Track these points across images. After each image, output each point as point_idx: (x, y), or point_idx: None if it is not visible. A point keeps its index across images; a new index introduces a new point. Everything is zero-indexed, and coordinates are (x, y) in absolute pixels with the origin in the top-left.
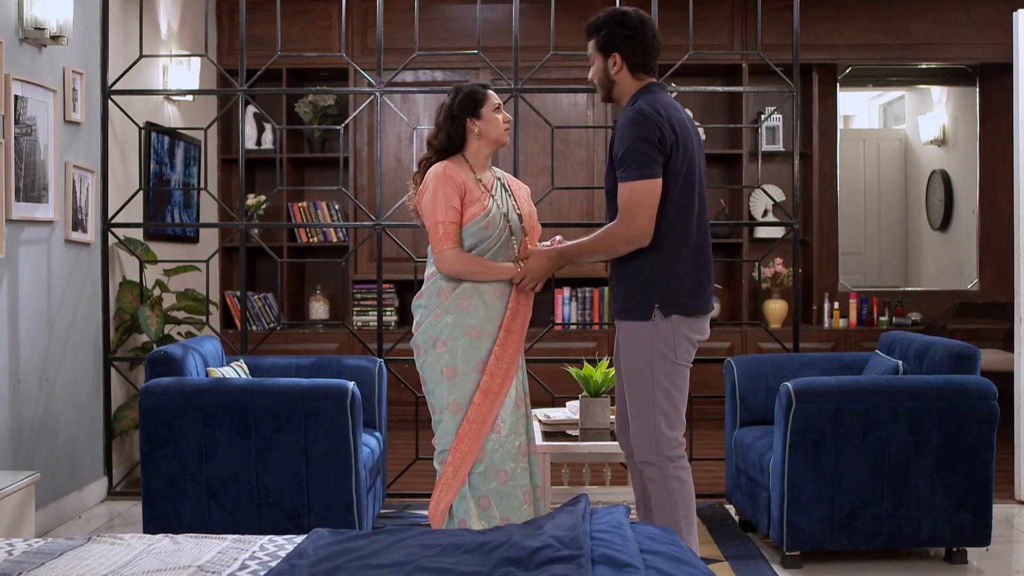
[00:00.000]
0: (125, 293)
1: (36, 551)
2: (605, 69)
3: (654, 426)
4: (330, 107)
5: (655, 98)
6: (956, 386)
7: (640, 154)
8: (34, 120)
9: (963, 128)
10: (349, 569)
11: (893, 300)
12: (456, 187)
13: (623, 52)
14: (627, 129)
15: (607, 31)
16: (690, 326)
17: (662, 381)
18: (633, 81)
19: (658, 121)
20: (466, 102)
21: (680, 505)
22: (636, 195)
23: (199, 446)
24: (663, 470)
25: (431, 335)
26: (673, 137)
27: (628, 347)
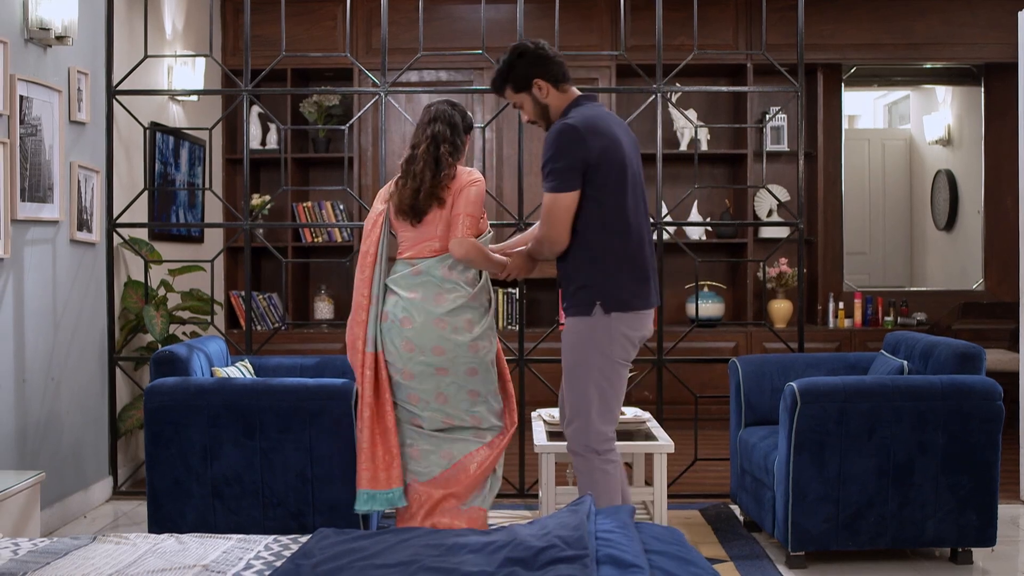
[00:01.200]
0: (130, 293)
1: (41, 551)
2: (535, 100)
3: (585, 419)
4: (334, 107)
5: (583, 112)
6: (961, 386)
7: (559, 169)
8: (39, 120)
9: (968, 128)
10: (354, 569)
11: (898, 300)
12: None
13: (543, 74)
14: (552, 142)
15: (517, 69)
16: (630, 324)
17: (597, 376)
18: (561, 95)
19: (583, 136)
20: (469, 120)
21: (603, 496)
22: (555, 206)
23: (204, 446)
24: (589, 461)
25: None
26: (599, 150)
27: (568, 342)
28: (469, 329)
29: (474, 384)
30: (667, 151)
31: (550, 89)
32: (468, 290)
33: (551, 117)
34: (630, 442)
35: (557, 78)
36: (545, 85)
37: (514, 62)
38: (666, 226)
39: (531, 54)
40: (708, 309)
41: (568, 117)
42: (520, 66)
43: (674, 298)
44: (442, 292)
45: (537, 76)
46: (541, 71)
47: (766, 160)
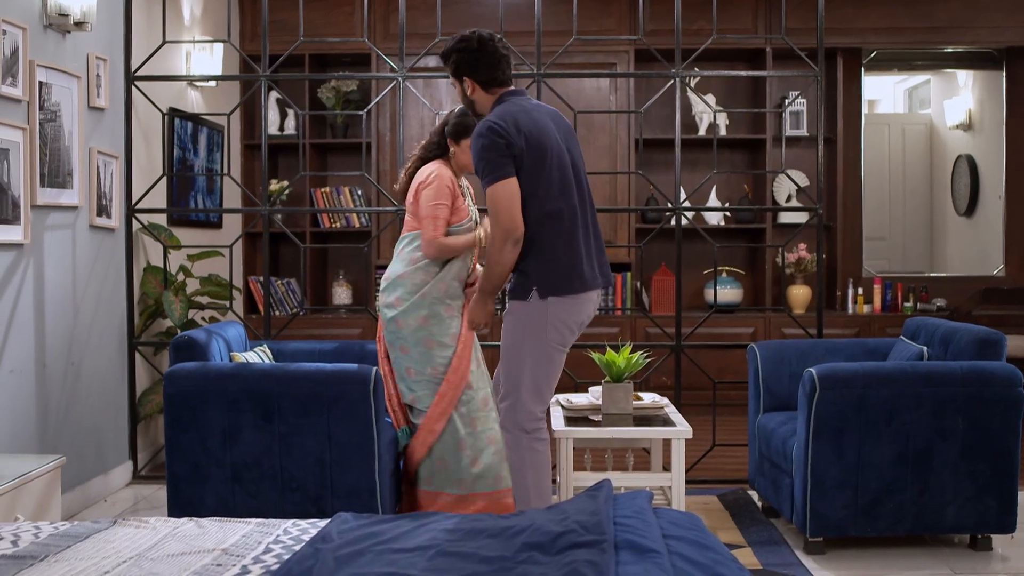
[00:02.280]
0: (149, 278)
1: (62, 534)
2: (463, 92)
3: (516, 398)
4: (352, 92)
5: (505, 108)
6: (981, 372)
7: (489, 161)
8: (58, 106)
9: (989, 112)
10: (372, 553)
11: (918, 286)
12: (451, 191)
13: (471, 74)
14: (476, 142)
15: (454, 58)
16: (567, 309)
17: (530, 359)
18: (488, 96)
19: (502, 130)
20: (456, 127)
21: (530, 472)
22: (497, 195)
23: (223, 430)
24: (518, 439)
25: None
26: (522, 141)
27: (507, 324)
28: (397, 305)
29: (408, 362)
30: (686, 136)
31: (476, 88)
32: (404, 268)
33: (479, 112)
34: (648, 427)
35: (485, 82)
36: (471, 84)
37: (453, 50)
38: (685, 211)
39: (468, 52)
40: (726, 295)
41: (490, 115)
42: (455, 57)
43: (692, 283)
44: (392, 266)
45: (465, 74)
46: (470, 71)
47: (785, 145)
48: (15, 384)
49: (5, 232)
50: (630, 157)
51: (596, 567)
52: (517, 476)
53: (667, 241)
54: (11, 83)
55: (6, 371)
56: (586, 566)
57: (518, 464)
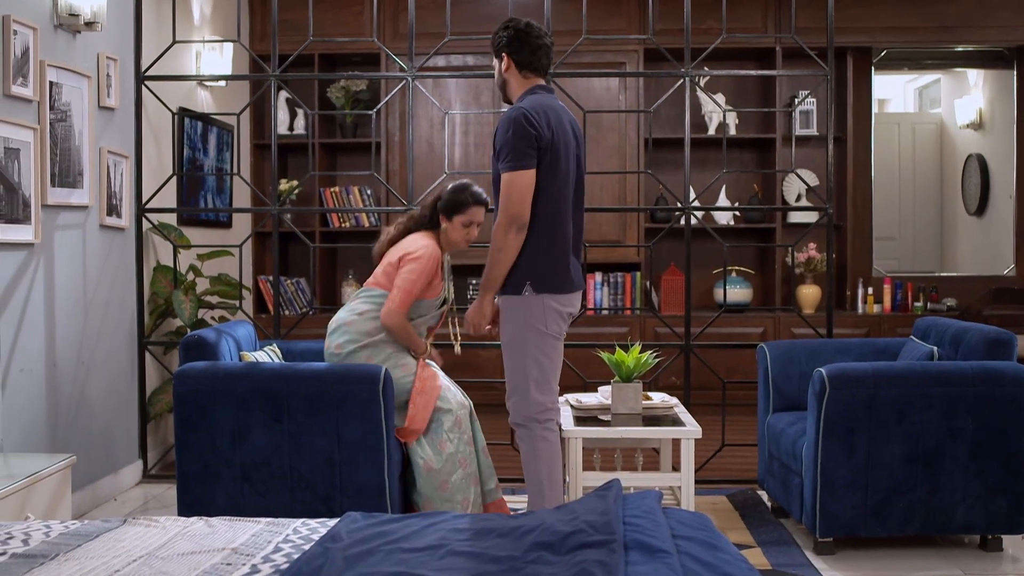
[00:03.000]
0: (159, 278)
1: (72, 533)
2: (499, 70)
3: (524, 392)
4: (362, 92)
5: (538, 99)
6: (992, 372)
7: (516, 147)
8: (69, 106)
9: (1000, 111)
10: (382, 552)
11: (928, 285)
12: (435, 271)
13: (510, 51)
14: (507, 125)
15: (497, 35)
16: (559, 301)
17: (533, 350)
18: (522, 80)
19: (536, 120)
20: (448, 203)
21: (544, 462)
22: (513, 183)
23: (232, 430)
24: (531, 431)
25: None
26: (549, 137)
27: (504, 319)
28: (338, 351)
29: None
30: (695, 135)
31: (512, 68)
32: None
33: (508, 94)
34: (657, 427)
35: (521, 63)
36: (508, 62)
37: (501, 27)
38: (694, 211)
39: (513, 31)
40: (736, 294)
41: (522, 102)
42: (501, 35)
43: (702, 283)
44: (341, 312)
45: (505, 51)
46: (510, 49)
47: (795, 144)
48: (26, 383)
49: (16, 232)
50: (639, 156)
51: (606, 567)
52: (530, 470)
53: (676, 241)
54: (22, 83)
55: (17, 370)
56: (596, 566)
57: (531, 457)
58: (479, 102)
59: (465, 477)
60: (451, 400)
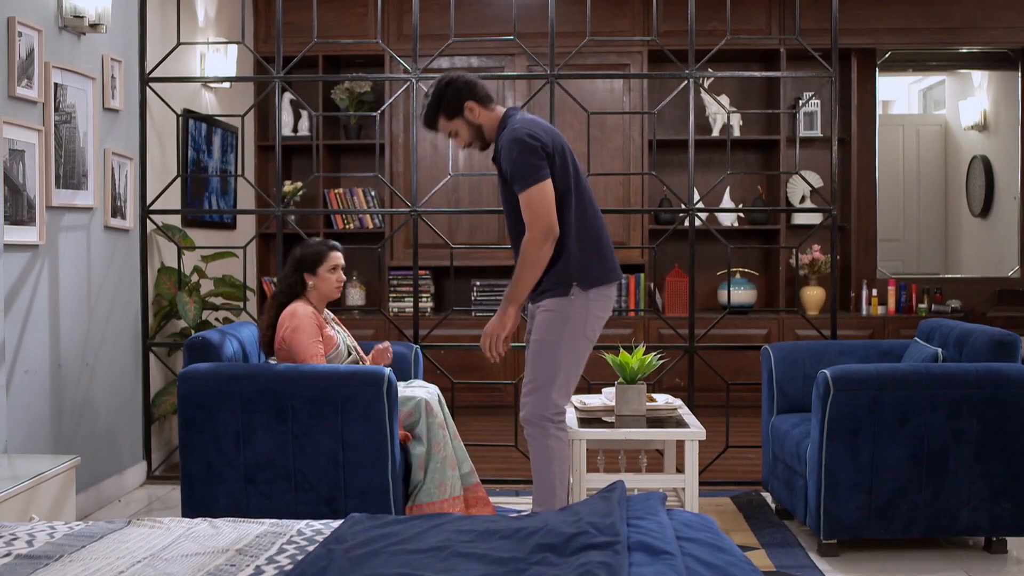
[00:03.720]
0: (163, 279)
1: (77, 534)
2: (469, 122)
3: (545, 392)
4: (366, 94)
5: (523, 120)
6: (996, 374)
7: (528, 164)
8: (73, 107)
9: (1004, 113)
10: (385, 554)
11: (932, 287)
12: (318, 326)
13: (470, 97)
14: (511, 148)
15: (446, 99)
16: (603, 305)
17: (566, 352)
18: (491, 114)
19: (536, 134)
20: (306, 260)
21: (556, 461)
22: (535, 197)
23: (237, 431)
24: (544, 429)
25: None
26: (551, 142)
27: (544, 319)
28: None
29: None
30: (699, 137)
31: (480, 110)
32: None
33: (487, 136)
34: (661, 429)
35: (485, 99)
36: (476, 106)
37: (443, 92)
38: (698, 212)
39: (458, 82)
40: (740, 296)
41: (513, 124)
42: (449, 94)
43: (706, 284)
44: None
45: (467, 99)
46: (470, 94)
47: (799, 146)
48: (30, 384)
49: (20, 233)
50: (643, 158)
51: (609, 568)
52: (542, 469)
53: (680, 242)
54: (26, 85)
55: (21, 371)
56: (599, 567)
57: (543, 456)
58: None
59: (441, 462)
60: (415, 388)
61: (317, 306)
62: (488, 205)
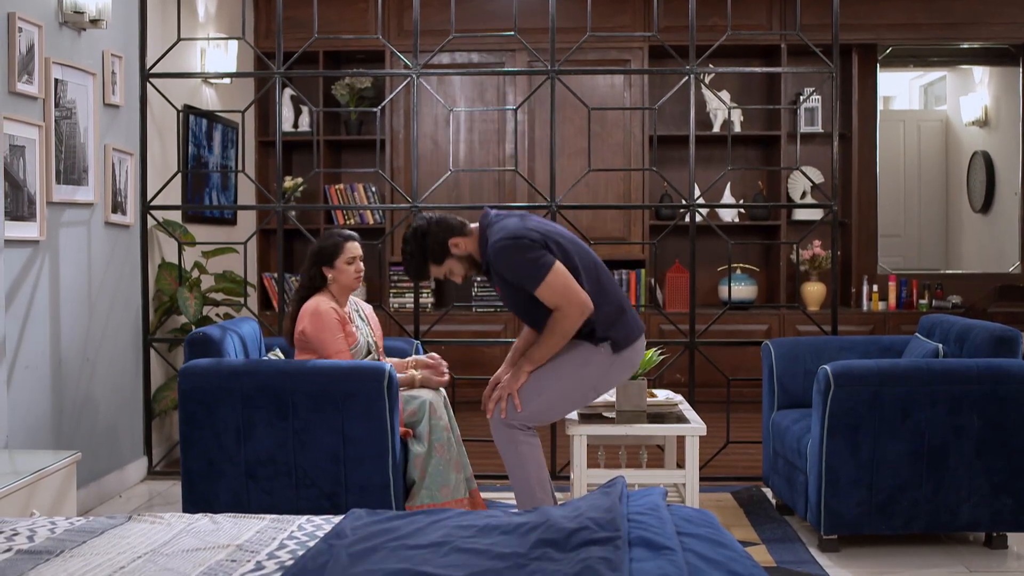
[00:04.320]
0: (164, 275)
1: (78, 529)
2: (459, 258)
3: (533, 409)
4: (367, 89)
5: (501, 226)
6: (997, 370)
7: (531, 261)
8: (74, 103)
9: (1006, 109)
10: (386, 549)
11: (933, 283)
12: (340, 320)
13: (452, 235)
14: (504, 257)
15: (429, 247)
16: (622, 368)
17: (562, 391)
18: (472, 239)
19: (520, 233)
20: (322, 253)
21: (531, 467)
22: (554, 284)
23: (237, 427)
24: (513, 436)
25: None
26: (540, 237)
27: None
28: None
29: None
30: (700, 133)
31: (463, 240)
32: None
33: (477, 259)
34: (662, 424)
35: (460, 230)
36: (459, 240)
37: (423, 242)
38: (699, 208)
39: (432, 227)
40: (741, 292)
41: (493, 236)
42: (431, 242)
43: (707, 281)
44: None
45: (449, 238)
46: (448, 233)
47: (800, 142)
48: (31, 380)
49: (21, 229)
50: (644, 154)
51: (610, 564)
52: (518, 476)
53: (681, 238)
54: (27, 80)
55: (22, 367)
56: (600, 563)
57: (516, 463)
58: (484, 99)
59: (445, 464)
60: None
61: (339, 298)
62: (489, 201)
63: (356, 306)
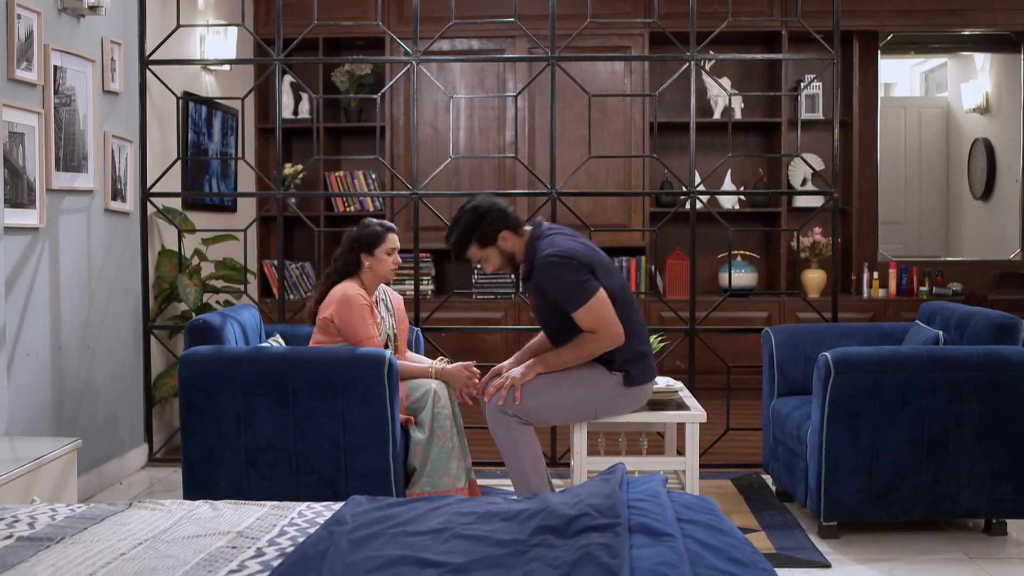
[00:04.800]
0: (164, 262)
1: (78, 516)
2: (501, 251)
3: (535, 403)
4: (366, 76)
5: (552, 241)
6: (997, 357)
7: (576, 283)
8: (73, 90)
9: (1007, 96)
10: (387, 536)
11: (933, 270)
12: (368, 308)
13: (504, 226)
14: (551, 272)
15: (481, 228)
16: (628, 402)
17: (563, 404)
18: (520, 239)
19: (570, 253)
20: (365, 239)
21: (526, 455)
22: (595, 310)
23: (238, 414)
24: (507, 423)
25: None
26: (586, 257)
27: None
28: None
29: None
30: (700, 120)
31: (513, 238)
32: None
33: (516, 260)
34: (662, 411)
35: (516, 227)
36: (510, 236)
37: (478, 221)
38: (699, 195)
39: (492, 212)
40: (741, 279)
41: (542, 251)
42: (484, 224)
43: (707, 267)
44: None
45: (502, 230)
46: (504, 224)
47: (800, 129)
48: (31, 367)
49: (21, 216)
50: (644, 141)
51: (610, 550)
52: (513, 463)
53: (681, 225)
54: (26, 67)
55: (22, 354)
56: (600, 549)
57: (510, 446)
58: (484, 86)
59: (447, 452)
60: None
61: (368, 287)
62: (489, 188)
63: (385, 295)
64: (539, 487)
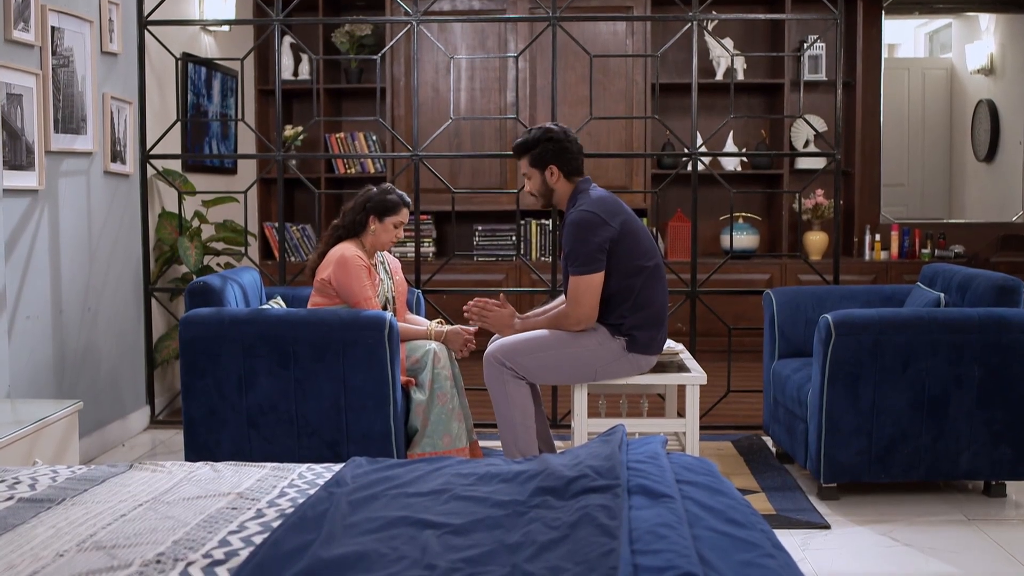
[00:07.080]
0: (164, 224)
1: (79, 478)
2: (543, 181)
3: (535, 359)
4: (367, 37)
5: (592, 197)
6: (999, 319)
7: (586, 253)
8: (71, 51)
9: (1011, 57)
10: (386, 497)
11: (936, 232)
12: (366, 270)
13: (558, 163)
14: (576, 231)
15: (539, 148)
16: (627, 366)
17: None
18: (568, 185)
19: (603, 221)
20: (379, 205)
21: (517, 411)
22: (582, 287)
23: (239, 376)
24: (501, 374)
25: None
26: (617, 224)
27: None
28: None
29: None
30: (702, 80)
31: (560, 177)
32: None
33: (554, 201)
34: (662, 373)
35: (570, 170)
36: (558, 173)
37: (539, 140)
38: (701, 157)
39: (556, 142)
40: (743, 241)
41: (580, 204)
42: (543, 147)
43: (708, 230)
44: None
45: (553, 163)
46: (558, 160)
47: (803, 90)
48: (32, 330)
49: (20, 178)
50: (646, 102)
51: (609, 511)
52: (502, 413)
53: (683, 187)
54: (23, 28)
55: (23, 317)
56: (599, 511)
57: (503, 398)
58: (485, 47)
59: (448, 413)
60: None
61: (369, 251)
62: (490, 149)
63: (383, 259)
64: (527, 447)
